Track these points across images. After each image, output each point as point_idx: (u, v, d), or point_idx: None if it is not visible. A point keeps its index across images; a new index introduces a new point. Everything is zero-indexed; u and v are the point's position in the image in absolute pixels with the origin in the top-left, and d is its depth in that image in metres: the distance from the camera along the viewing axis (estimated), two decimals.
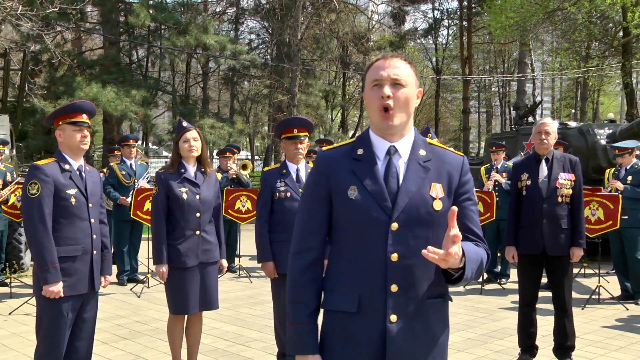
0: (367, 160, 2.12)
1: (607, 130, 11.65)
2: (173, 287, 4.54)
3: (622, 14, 17.29)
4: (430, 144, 2.20)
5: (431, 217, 2.08)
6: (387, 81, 2.08)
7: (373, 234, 2.06)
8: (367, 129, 2.21)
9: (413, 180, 2.09)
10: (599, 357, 5.51)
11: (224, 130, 20.54)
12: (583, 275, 9.41)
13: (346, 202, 2.09)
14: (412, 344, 2.07)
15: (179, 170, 4.58)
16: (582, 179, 5.20)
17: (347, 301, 2.08)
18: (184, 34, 19.39)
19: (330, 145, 2.23)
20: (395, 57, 2.14)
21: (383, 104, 2.07)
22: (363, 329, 2.07)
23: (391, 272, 2.04)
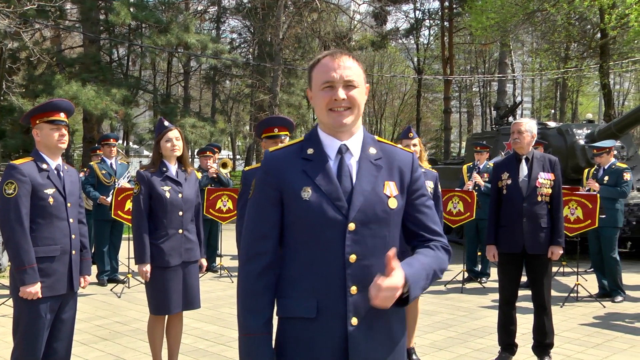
0: (319, 159, 2.07)
1: (585, 130, 11.77)
2: (155, 287, 4.50)
3: (599, 16, 17.49)
4: (379, 142, 2.17)
5: (387, 216, 2.06)
6: (339, 83, 2.04)
7: (329, 235, 2.00)
8: (315, 127, 2.16)
9: (367, 179, 2.06)
10: (577, 354, 5.57)
11: (206, 129, 20.44)
12: (562, 273, 9.50)
13: (300, 203, 2.02)
14: (374, 347, 2.03)
15: (161, 169, 4.55)
16: (561, 179, 5.25)
17: (305, 307, 2.01)
18: (165, 33, 19.25)
19: (276, 146, 2.16)
20: (343, 54, 2.09)
21: (336, 106, 2.05)
22: (323, 334, 2.00)
23: (350, 274, 2.00)
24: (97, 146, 10.06)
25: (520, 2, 18.52)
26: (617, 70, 25.55)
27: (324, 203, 2.01)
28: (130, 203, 7.77)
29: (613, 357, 5.49)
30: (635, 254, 11.46)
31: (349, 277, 2.00)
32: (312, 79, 2.11)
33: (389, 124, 45.26)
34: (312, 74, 2.12)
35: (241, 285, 2.07)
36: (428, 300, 7.64)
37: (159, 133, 4.58)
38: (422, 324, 6.22)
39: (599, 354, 5.57)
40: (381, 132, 44.52)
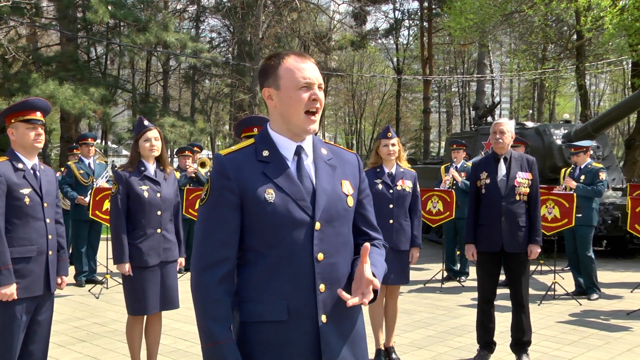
0: (276, 161, 2.05)
1: (562, 130, 11.91)
2: (132, 287, 4.47)
3: (575, 18, 17.69)
4: (326, 143, 2.20)
5: (347, 214, 2.11)
6: (315, 84, 2.05)
7: (297, 235, 2.00)
8: (264, 128, 2.13)
9: (326, 179, 2.08)
10: (553, 351, 5.63)
11: (185, 129, 20.31)
12: (539, 272, 9.59)
13: (264, 206, 1.99)
14: (343, 343, 2.06)
15: (139, 168, 4.51)
16: (538, 178, 5.30)
17: (275, 310, 1.99)
18: (143, 32, 19.09)
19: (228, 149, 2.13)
20: (309, 57, 2.10)
21: (313, 107, 2.05)
22: (295, 335, 2.00)
23: (319, 272, 2.02)
24: (74, 145, 9.95)
25: (499, 4, 18.67)
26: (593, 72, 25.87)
27: (289, 204, 2.00)
28: (108, 203, 7.71)
29: (588, 354, 5.56)
30: (610, 252, 11.61)
31: (318, 276, 2.02)
32: (281, 77, 2.05)
33: (369, 124, 45.36)
34: (278, 72, 2.06)
35: (201, 294, 2.00)
36: (407, 300, 7.67)
37: (138, 132, 4.55)
38: (401, 323, 6.24)
39: (574, 351, 5.63)
40: (361, 131, 44.60)
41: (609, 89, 46.59)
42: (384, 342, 5.34)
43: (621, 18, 14.98)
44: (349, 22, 32.82)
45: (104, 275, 8.47)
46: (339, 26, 31.64)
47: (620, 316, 7.01)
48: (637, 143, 16.97)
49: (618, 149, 32.85)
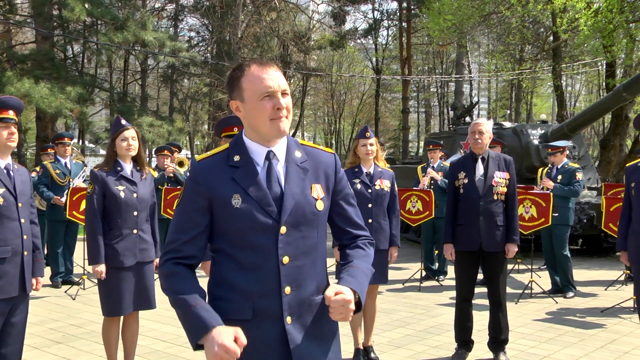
0: (246, 166, 2.11)
1: (539, 130, 12.03)
2: (108, 288, 4.42)
3: (552, 20, 17.87)
4: (302, 145, 2.23)
5: (315, 218, 2.14)
6: (278, 92, 2.08)
7: (262, 240, 2.06)
8: (239, 134, 2.18)
9: (295, 183, 2.12)
10: (530, 348, 5.68)
11: (163, 128, 20.18)
12: (517, 271, 9.68)
13: (231, 211, 2.06)
14: (312, 341, 2.10)
15: (115, 168, 4.47)
16: (515, 178, 5.34)
17: (240, 309, 2.06)
18: (121, 30, 18.94)
19: (204, 154, 2.19)
20: (271, 65, 2.12)
21: (279, 115, 2.07)
22: (259, 335, 2.04)
23: (284, 275, 2.06)
24: (47, 145, 9.81)
25: (477, 5, 18.79)
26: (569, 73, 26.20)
27: (254, 209, 2.06)
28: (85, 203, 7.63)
29: (564, 351, 5.62)
30: (585, 251, 11.76)
31: (284, 278, 2.06)
32: (244, 89, 2.09)
33: (348, 124, 45.46)
34: (241, 84, 2.10)
35: (165, 278, 2.09)
36: (386, 299, 7.70)
37: (115, 131, 4.50)
38: (380, 322, 6.26)
39: (551, 348, 5.69)
40: (340, 131, 44.67)
41: (585, 89, 47.18)
42: (362, 342, 5.35)
43: (595, 20, 15.18)
44: (328, 22, 32.86)
45: (81, 276, 8.38)
46: (318, 26, 31.70)
47: (594, 313, 7.10)
48: (611, 143, 17.19)
49: (593, 149, 33.29)
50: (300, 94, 35.82)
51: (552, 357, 5.46)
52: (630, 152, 16.82)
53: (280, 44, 27.18)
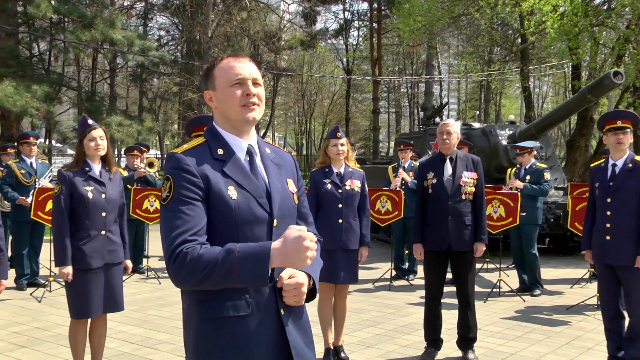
0: (232, 159, 2.11)
1: (508, 131, 12.17)
2: (75, 290, 4.35)
3: (520, 22, 18.11)
4: (267, 143, 2.28)
5: (294, 211, 2.22)
6: (249, 80, 2.11)
7: (258, 232, 2.06)
8: (212, 126, 2.17)
9: (276, 177, 2.17)
10: (498, 346, 5.76)
11: (133, 128, 19.93)
12: (485, 270, 9.78)
13: (227, 203, 2.03)
14: (299, 331, 2.14)
15: (84, 168, 4.40)
16: (483, 178, 5.41)
17: (238, 305, 2.02)
18: (89, 28, 18.65)
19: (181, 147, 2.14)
20: (244, 56, 2.16)
21: (249, 101, 2.10)
22: (257, 329, 2.04)
23: (277, 268, 2.05)
24: (7, 144, 9.62)
25: (446, 7, 18.96)
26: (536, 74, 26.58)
27: (250, 202, 2.06)
28: (51, 203, 7.51)
29: (530, 348, 5.71)
30: (552, 250, 11.94)
31: (276, 270, 2.05)
32: (216, 77, 2.13)
33: (319, 124, 45.49)
34: (214, 74, 2.14)
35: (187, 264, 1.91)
36: (356, 299, 7.72)
37: (82, 131, 4.44)
38: (350, 322, 6.28)
39: (518, 346, 5.78)
40: (310, 131, 44.67)
41: (552, 91, 47.94)
42: (332, 341, 5.36)
43: (561, 23, 15.44)
44: (299, 22, 32.86)
45: (47, 278, 8.24)
46: (288, 26, 31.66)
47: (560, 311, 7.22)
48: (577, 144, 17.51)
49: (560, 150, 33.83)
50: (270, 94, 35.74)
51: (519, 354, 5.54)
52: (595, 152, 17.14)
53: (251, 44, 27.09)
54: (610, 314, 5.07)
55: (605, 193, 5.00)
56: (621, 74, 9.15)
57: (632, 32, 15.58)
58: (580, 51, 16.22)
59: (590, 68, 16.90)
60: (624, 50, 16.15)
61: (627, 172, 4.92)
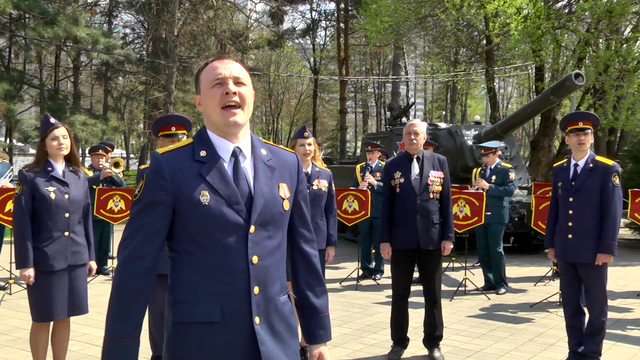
0: (213, 162, 2.04)
1: (473, 131, 12.29)
2: (37, 293, 4.26)
3: (485, 24, 18.34)
4: (266, 143, 2.21)
5: (282, 217, 2.12)
6: (229, 79, 2.06)
7: (231, 239, 2.00)
8: (203, 128, 2.13)
9: (264, 181, 2.08)
10: (463, 344, 5.83)
11: (97, 127, 19.66)
12: (451, 269, 9.89)
13: (198, 207, 1.98)
14: (277, 342, 2.08)
15: (46, 168, 4.31)
16: (449, 177, 5.47)
17: (208, 311, 2.00)
18: (51, 25, 18.31)
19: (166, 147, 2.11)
20: (230, 57, 2.13)
21: (228, 101, 2.04)
22: (228, 337, 2.00)
23: (253, 275, 2.02)
24: None
25: (413, 7, 19.10)
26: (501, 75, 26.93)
27: (223, 207, 1.99)
28: (11, 204, 7.35)
29: (495, 346, 5.79)
30: (517, 248, 12.12)
31: (253, 278, 2.02)
32: (201, 81, 2.10)
33: (286, 124, 45.45)
34: (200, 78, 2.11)
35: (121, 285, 1.99)
36: None
37: (44, 130, 4.34)
38: None
39: (483, 344, 5.85)
40: (277, 131, 44.60)
41: (516, 92, 48.67)
42: (299, 341, 5.35)
43: (525, 25, 15.68)
44: (266, 21, 32.79)
45: (7, 281, 8.06)
46: (255, 25, 31.53)
47: (524, 308, 7.34)
48: (541, 144, 17.79)
49: (524, 150, 34.38)
50: None
51: (484, 352, 5.62)
52: (557, 152, 17.46)
53: (218, 43, 26.89)
54: (571, 310, 5.17)
55: (568, 192, 5.10)
56: (582, 76, 9.32)
57: (592, 36, 15.90)
58: (543, 53, 16.49)
59: (553, 70, 17.18)
60: (585, 53, 16.48)
61: (589, 171, 5.02)
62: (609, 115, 15.63)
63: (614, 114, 15.88)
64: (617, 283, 8.86)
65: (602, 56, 15.42)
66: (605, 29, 16.28)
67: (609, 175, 4.96)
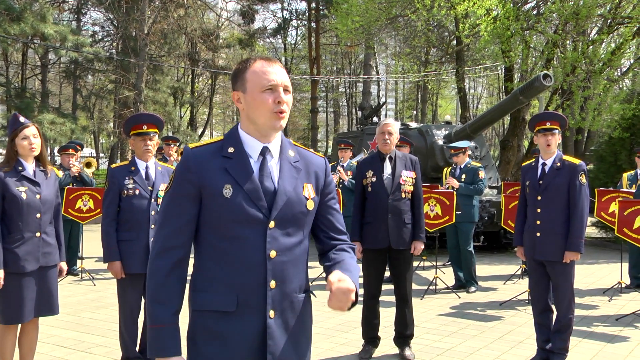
0: (239, 158, 2.11)
1: (444, 131, 12.40)
2: (7, 295, 4.18)
3: (455, 24, 18.51)
4: (295, 146, 2.26)
5: (304, 216, 2.18)
6: (280, 86, 2.11)
7: (250, 232, 2.07)
8: (235, 127, 2.19)
9: (288, 181, 2.14)
10: (434, 342, 5.89)
11: (66, 126, 19.35)
12: (422, 267, 9.97)
13: (221, 201, 2.06)
14: (289, 337, 2.14)
15: (16, 168, 4.24)
16: (421, 177, 5.52)
17: (224, 301, 2.07)
18: (18, 22, 17.99)
19: (197, 143, 2.18)
20: (275, 61, 2.17)
21: (280, 109, 2.10)
22: (241, 327, 2.07)
23: (270, 269, 2.08)
24: None
25: (384, 7, 19.19)
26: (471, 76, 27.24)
27: (245, 201, 2.06)
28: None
29: (465, 344, 5.86)
30: (487, 247, 12.27)
31: (269, 272, 2.08)
32: (248, 80, 2.12)
33: None
34: (245, 76, 2.13)
35: (152, 277, 2.09)
36: None
37: (14, 129, 4.27)
38: None
39: (453, 342, 5.92)
40: None
41: (486, 92, 49.17)
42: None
43: (494, 26, 15.87)
44: (237, 20, 32.61)
45: None
46: (226, 24, 31.36)
47: (494, 307, 7.44)
48: (510, 144, 18.03)
49: (494, 150, 34.77)
50: (208, 92, 35.38)
51: (454, 349, 5.68)
52: (526, 152, 17.69)
53: (188, 42, 26.72)
54: (539, 308, 5.26)
55: (536, 191, 5.18)
56: (550, 77, 9.48)
57: (559, 37, 16.17)
58: (512, 54, 16.71)
59: (522, 70, 17.43)
60: (553, 54, 16.73)
61: (556, 170, 5.12)
62: (576, 115, 15.91)
63: (581, 115, 16.16)
64: (584, 281, 9.04)
65: (570, 57, 15.68)
66: (572, 31, 16.57)
67: (576, 174, 5.06)
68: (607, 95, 16.08)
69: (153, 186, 4.79)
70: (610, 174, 13.00)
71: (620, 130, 13.62)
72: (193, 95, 32.97)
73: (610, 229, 11.40)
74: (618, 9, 16.06)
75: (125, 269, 4.64)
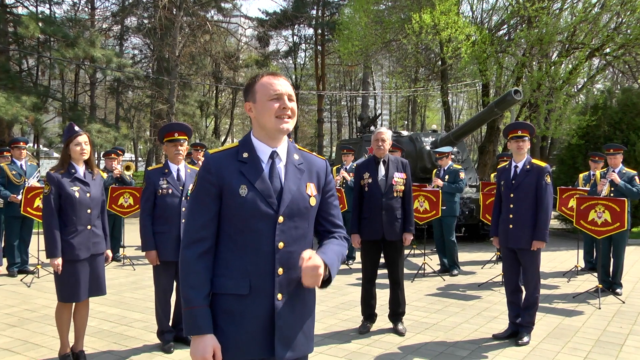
0: (253, 162, 2.11)
1: (431, 138, 12.37)
2: (65, 278, 4.21)
3: (440, 48, 18.46)
4: (300, 150, 2.25)
5: (307, 211, 2.16)
6: (284, 95, 2.11)
7: (262, 226, 2.06)
8: (249, 134, 2.19)
9: (293, 181, 2.13)
10: (423, 318, 5.87)
11: (110, 134, 19.41)
12: (412, 255, 9.95)
13: (237, 199, 2.05)
14: (294, 317, 2.13)
15: (69, 170, 4.26)
16: (411, 178, 5.50)
17: (239, 285, 2.06)
18: (72, 47, 18.06)
19: (216, 149, 2.18)
20: (281, 75, 2.17)
21: (283, 114, 2.10)
22: (253, 308, 2.06)
23: (278, 258, 2.07)
24: (3, 148, 9.28)
25: (379, 33, 19.17)
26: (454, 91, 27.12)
27: (257, 199, 2.06)
28: (39, 200, 7.27)
29: (449, 319, 5.85)
30: (467, 237, 12.24)
31: (277, 261, 2.07)
32: (257, 92, 2.12)
33: None
34: (255, 89, 2.13)
35: (183, 266, 2.08)
36: None
37: (69, 137, 4.28)
38: None
39: (439, 317, 5.91)
40: None
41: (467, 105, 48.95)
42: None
43: (473, 50, 15.84)
44: (254, 44, 32.60)
45: (35, 266, 7.96)
46: (245, 47, 31.36)
47: (473, 288, 7.42)
48: (487, 149, 17.98)
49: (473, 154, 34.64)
50: (230, 106, 35.40)
51: (439, 324, 5.67)
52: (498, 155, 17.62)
53: (213, 62, 26.74)
54: (511, 288, 5.24)
55: (509, 189, 5.16)
56: (520, 92, 9.45)
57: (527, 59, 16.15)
58: (488, 73, 16.68)
59: (496, 87, 17.39)
60: (522, 73, 16.69)
61: (526, 172, 5.10)
62: (541, 125, 15.86)
63: (545, 124, 16.12)
64: (547, 265, 9.01)
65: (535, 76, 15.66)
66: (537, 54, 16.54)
67: (542, 175, 5.04)
68: (566, 108, 16.03)
69: (183, 186, 4.79)
70: (570, 175, 12.95)
71: (577, 138, 13.59)
72: (217, 108, 32.95)
73: (569, 221, 11.38)
74: (573, 36, 16.08)
75: (159, 257, 4.65)
